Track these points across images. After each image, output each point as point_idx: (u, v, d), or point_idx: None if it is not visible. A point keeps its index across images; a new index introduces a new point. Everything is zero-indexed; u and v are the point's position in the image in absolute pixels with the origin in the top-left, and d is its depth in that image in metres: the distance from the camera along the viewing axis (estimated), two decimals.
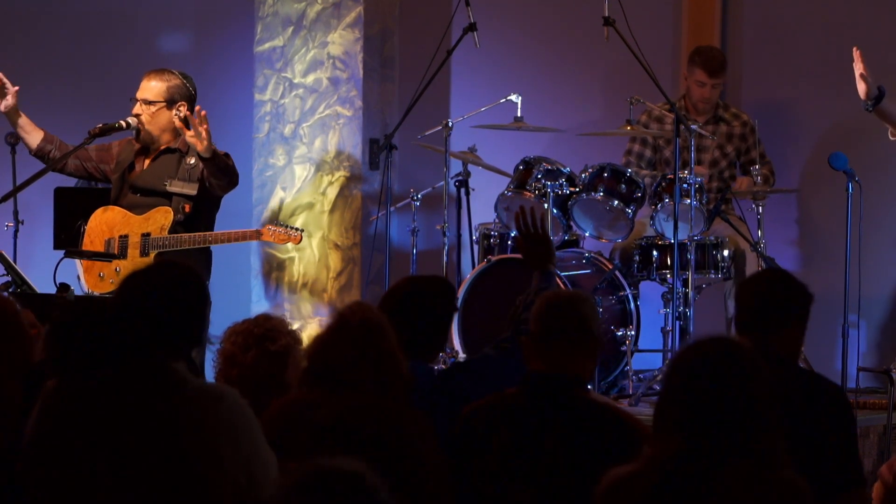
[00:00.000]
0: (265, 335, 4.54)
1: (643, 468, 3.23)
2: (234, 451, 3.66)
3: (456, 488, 4.07)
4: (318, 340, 4.15)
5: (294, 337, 4.61)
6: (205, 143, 6.56)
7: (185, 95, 6.87)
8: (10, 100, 6.86)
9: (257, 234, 6.86)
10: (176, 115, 6.84)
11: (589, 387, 4.29)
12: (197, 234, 6.74)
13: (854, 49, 6.99)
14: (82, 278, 6.90)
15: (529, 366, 4.19)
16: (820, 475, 4.23)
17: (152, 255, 6.74)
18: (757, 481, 3.18)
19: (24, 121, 6.93)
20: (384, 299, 4.69)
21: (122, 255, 6.78)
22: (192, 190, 6.78)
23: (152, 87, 6.87)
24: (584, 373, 4.17)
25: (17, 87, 6.88)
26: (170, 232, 6.72)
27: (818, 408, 4.37)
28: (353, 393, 4.00)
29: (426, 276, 5.21)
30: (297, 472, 2.64)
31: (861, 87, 7.02)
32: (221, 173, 6.70)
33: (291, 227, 6.88)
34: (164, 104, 6.84)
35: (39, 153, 6.94)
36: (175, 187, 6.78)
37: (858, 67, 7.00)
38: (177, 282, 3.83)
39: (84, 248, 6.87)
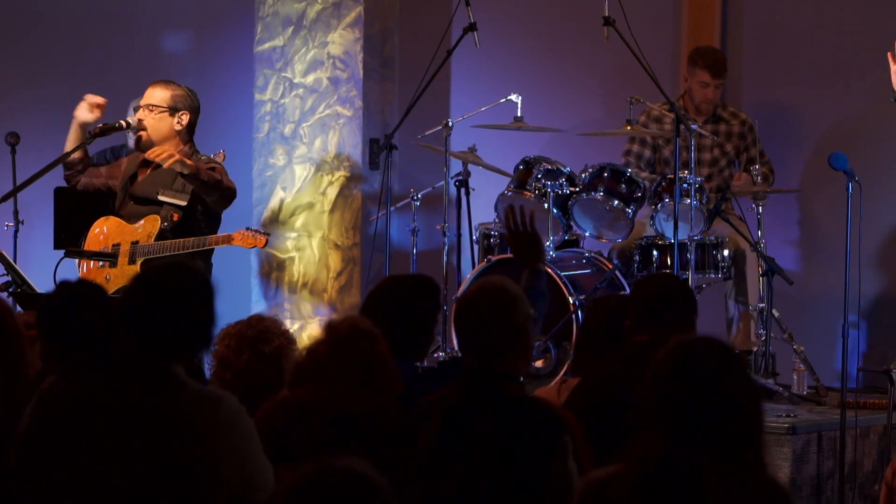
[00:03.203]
0: (258, 337, 4.53)
1: (624, 469, 3.22)
2: (230, 456, 3.65)
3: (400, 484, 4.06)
4: (308, 350, 4.15)
5: (287, 337, 4.59)
6: (169, 161, 6.62)
7: (188, 106, 6.92)
8: (90, 118, 6.95)
9: (228, 239, 6.84)
10: (178, 122, 6.87)
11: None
12: (177, 240, 6.77)
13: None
14: None
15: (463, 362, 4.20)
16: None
17: (139, 262, 6.76)
18: (738, 482, 3.17)
19: (78, 134, 7.01)
20: (368, 299, 4.69)
21: (114, 264, 6.81)
22: (181, 201, 6.82)
23: (156, 94, 6.98)
24: (509, 366, 4.12)
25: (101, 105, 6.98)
26: (156, 239, 6.76)
27: None
28: (342, 395, 4.01)
29: (410, 275, 5.21)
30: (302, 471, 2.64)
31: (894, 77, 7.09)
32: (209, 189, 6.74)
33: (259, 231, 6.86)
34: (166, 110, 6.89)
35: (68, 163, 7.03)
36: (166, 196, 6.83)
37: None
38: (185, 285, 3.81)
39: (84, 261, 6.90)
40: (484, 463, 3.94)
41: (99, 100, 6.99)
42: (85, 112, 6.99)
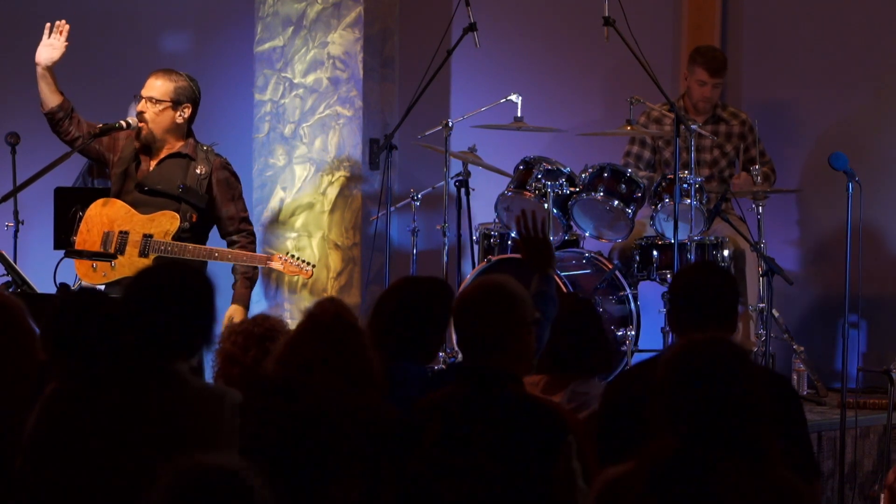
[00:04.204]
0: (265, 335, 4.56)
1: (638, 468, 3.23)
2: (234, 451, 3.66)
3: (397, 479, 4.05)
4: (290, 338, 4.13)
5: None
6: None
7: (190, 97, 6.82)
8: (55, 54, 6.80)
9: (266, 260, 6.78)
10: (180, 116, 6.80)
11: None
12: (203, 247, 6.68)
13: None
14: (76, 270, 6.87)
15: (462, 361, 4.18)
16: None
17: (152, 258, 6.70)
18: (752, 480, 3.18)
19: (50, 78, 6.83)
20: (380, 300, 4.70)
21: (121, 251, 6.73)
22: (201, 202, 6.76)
23: (158, 86, 6.80)
24: (509, 366, 4.11)
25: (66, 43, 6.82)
26: (173, 239, 6.69)
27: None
28: (324, 388, 3.99)
29: (423, 276, 5.20)
30: (173, 470, 2.63)
31: None
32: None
33: (304, 261, 6.81)
34: (169, 104, 6.78)
35: (49, 115, 6.84)
36: (187, 195, 6.74)
37: None
38: (185, 283, 3.83)
39: (79, 236, 6.82)
40: (486, 464, 3.93)
41: (58, 27, 6.72)
42: (47, 51, 6.76)
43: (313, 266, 6.88)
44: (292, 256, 6.80)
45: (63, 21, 6.80)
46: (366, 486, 3.90)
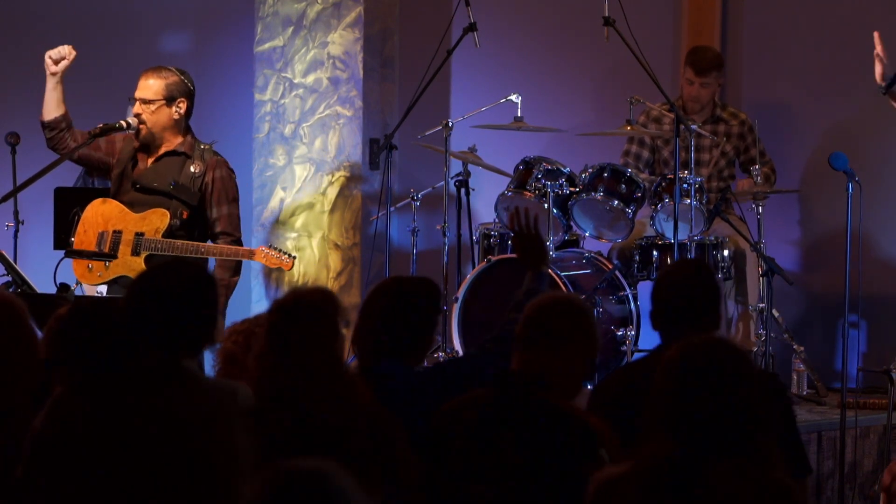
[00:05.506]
0: None
1: (634, 469, 3.23)
2: (248, 446, 3.66)
3: (427, 487, 4.03)
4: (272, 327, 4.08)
5: None
6: None
7: (183, 92, 6.81)
8: (59, 67, 6.78)
9: (250, 254, 6.76)
10: (176, 112, 6.80)
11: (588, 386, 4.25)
12: (191, 243, 6.66)
13: (875, 32, 6.95)
14: (74, 272, 6.88)
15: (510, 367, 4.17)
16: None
17: (143, 256, 6.71)
18: (748, 482, 3.17)
19: (58, 90, 6.82)
20: (368, 299, 4.67)
21: (114, 250, 6.74)
22: (192, 199, 6.76)
23: (150, 86, 6.79)
24: (559, 377, 4.08)
25: (73, 54, 6.81)
26: (164, 235, 6.68)
27: None
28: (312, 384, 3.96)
29: (411, 276, 5.20)
30: (265, 473, 2.63)
31: (878, 70, 6.99)
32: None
33: (285, 253, 6.79)
34: (163, 102, 6.77)
35: (53, 124, 6.80)
36: (179, 192, 6.73)
37: (877, 48, 6.96)
38: (190, 280, 3.85)
39: (77, 236, 6.83)
40: (514, 472, 3.92)
41: (59, 52, 6.72)
42: (52, 67, 6.75)
43: (294, 257, 6.87)
44: (272, 248, 6.78)
45: (66, 52, 6.78)
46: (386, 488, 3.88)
